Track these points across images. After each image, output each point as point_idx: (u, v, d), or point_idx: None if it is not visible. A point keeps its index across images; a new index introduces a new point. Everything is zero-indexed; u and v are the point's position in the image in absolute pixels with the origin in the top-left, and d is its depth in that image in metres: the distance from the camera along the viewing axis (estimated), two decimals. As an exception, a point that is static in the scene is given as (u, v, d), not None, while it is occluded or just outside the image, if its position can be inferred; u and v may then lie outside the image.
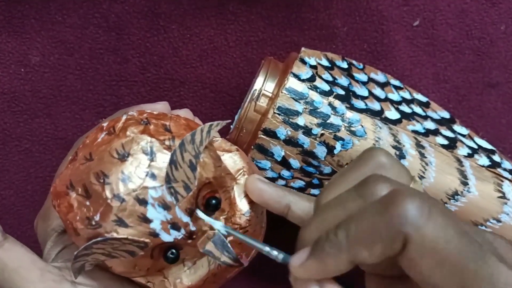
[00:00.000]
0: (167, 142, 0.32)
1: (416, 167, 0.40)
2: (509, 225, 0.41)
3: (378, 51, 0.50)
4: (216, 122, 0.33)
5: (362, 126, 0.39)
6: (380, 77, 0.44)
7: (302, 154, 0.39)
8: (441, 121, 0.44)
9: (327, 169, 0.40)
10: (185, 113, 0.38)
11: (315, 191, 0.41)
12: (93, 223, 0.31)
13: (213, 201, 0.33)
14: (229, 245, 0.33)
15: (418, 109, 0.43)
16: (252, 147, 0.39)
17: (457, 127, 0.44)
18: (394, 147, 0.40)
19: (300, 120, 0.39)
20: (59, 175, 0.33)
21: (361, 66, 0.44)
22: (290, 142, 0.39)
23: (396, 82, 0.44)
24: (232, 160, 0.36)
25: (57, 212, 0.33)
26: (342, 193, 0.28)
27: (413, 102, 0.44)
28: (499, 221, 0.41)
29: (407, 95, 0.44)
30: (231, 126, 0.44)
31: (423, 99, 0.45)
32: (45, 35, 0.48)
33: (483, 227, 0.41)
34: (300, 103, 0.39)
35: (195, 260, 0.35)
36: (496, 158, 0.43)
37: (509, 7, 0.50)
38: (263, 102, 0.40)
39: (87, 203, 0.31)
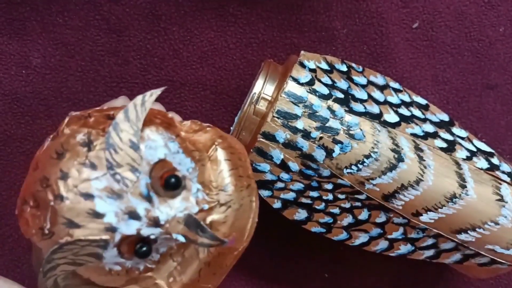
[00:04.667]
0: (107, 129, 0.29)
1: (414, 170, 0.40)
2: (507, 228, 0.41)
3: (378, 53, 0.50)
4: (149, 92, 0.31)
5: (361, 129, 0.40)
6: (379, 80, 0.44)
7: (301, 157, 0.40)
8: (440, 124, 0.44)
9: (325, 172, 0.40)
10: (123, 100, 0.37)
11: (313, 194, 0.41)
12: (46, 231, 0.29)
13: (172, 180, 0.29)
14: (203, 224, 0.29)
15: (417, 112, 0.43)
16: (251, 150, 0.39)
17: (456, 130, 0.44)
18: (393, 150, 0.40)
19: (299, 124, 0.39)
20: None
21: (361, 69, 0.44)
22: (289, 145, 0.39)
23: (396, 85, 0.44)
24: (203, 137, 0.33)
25: (24, 235, 0.30)
26: None
27: (412, 105, 0.44)
28: (497, 223, 0.41)
29: (406, 98, 0.44)
30: (231, 128, 0.44)
31: (422, 101, 0.45)
32: (46, 37, 0.48)
33: (481, 230, 0.41)
34: (299, 106, 0.39)
35: (182, 252, 0.32)
36: (495, 160, 0.44)
37: (508, 10, 0.50)
38: (262, 106, 0.40)
39: (38, 213, 0.29)
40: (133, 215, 0.28)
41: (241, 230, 0.32)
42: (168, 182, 0.29)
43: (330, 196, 0.41)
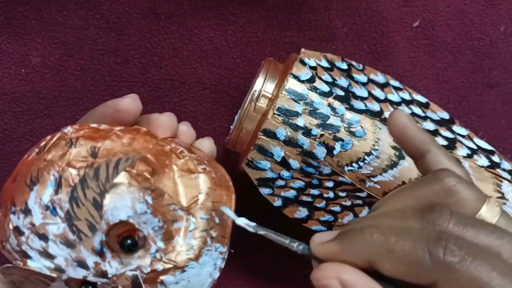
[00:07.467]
0: (81, 172, 0.30)
1: (415, 168, 0.40)
2: (508, 226, 0.41)
3: (378, 51, 0.50)
4: (125, 157, 0.31)
5: (361, 127, 0.40)
6: (379, 78, 0.44)
7: (302, 155, 0.39)
8: (440, 122, 0.44)
9: (326, 170, 0.40)
10: (167, 118, 0.36)
11: (314, 191, 0.41)
12: (6, 247, 0.31)
13: (128, 241, 0.30)
14: None
15: (417, 110, 0.43)
16: (252, 147, 0.39)
17: (457, 128, 0.44)
18: (394, 148, 0.40)
19: (300, 121, 0.39)
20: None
21: (361, 67, 0.44)
22: (289, 142, 0.39)
23: (396, 83, 0.44)
24: (192, 184, 0.33)
25: None
26: (405, 208, 0.29)
27: (413, 103, 0.44)
28: (498, 221, 0.41)
29: (406, 96, 0.44)
30: (231, 127, 0.44)
31: (423, 100, 0.45)
32: (45, 36, 0.48)
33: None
34: (299, 104, 0.39)
35: None
36: (496, 158, 0.43)
37: (509, 8, 0.50)
38: (262, 103, 0.40)
39: (4, 225, 0.31)
40: (81, 264, 0.30)
41: None
42: (123, 244, 0.30)
43: (331, 194, 0.41)
